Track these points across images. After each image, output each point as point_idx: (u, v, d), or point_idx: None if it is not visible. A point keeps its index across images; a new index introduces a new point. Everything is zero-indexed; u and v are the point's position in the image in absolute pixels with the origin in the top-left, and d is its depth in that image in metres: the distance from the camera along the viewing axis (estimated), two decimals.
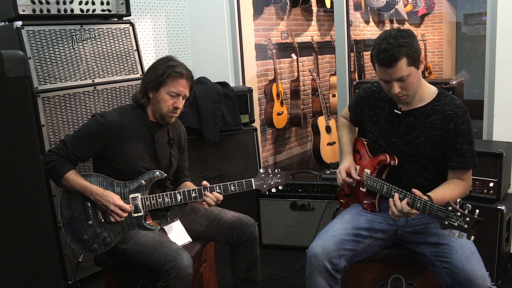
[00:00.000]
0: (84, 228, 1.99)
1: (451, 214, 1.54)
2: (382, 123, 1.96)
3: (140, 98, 2.05)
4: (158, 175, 2.04)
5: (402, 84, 1.76)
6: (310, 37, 5.62)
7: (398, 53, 1.69)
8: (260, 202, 3.06)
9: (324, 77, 5.81)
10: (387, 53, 1.70)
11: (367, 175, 1.97)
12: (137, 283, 2.07)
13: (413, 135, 1.87)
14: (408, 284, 1.98)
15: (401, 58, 1.70)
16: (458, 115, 1.80)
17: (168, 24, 3.71)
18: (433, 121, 1.84)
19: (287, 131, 5.59)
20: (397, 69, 1.72)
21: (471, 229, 1.49)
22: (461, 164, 1.82)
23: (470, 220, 1.49)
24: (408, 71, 1.73)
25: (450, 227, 1.54)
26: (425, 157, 1.87)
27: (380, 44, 1.72)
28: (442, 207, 1.58)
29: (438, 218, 1.59)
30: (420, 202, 1.67)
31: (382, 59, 1.71)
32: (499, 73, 2.54)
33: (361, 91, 2.07)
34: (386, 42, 1.71)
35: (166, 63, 2.02)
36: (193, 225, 2.18)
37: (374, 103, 2.00)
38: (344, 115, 2.27)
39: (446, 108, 1.82)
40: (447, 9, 7.12)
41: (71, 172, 1.97)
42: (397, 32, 1.74)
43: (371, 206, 1.98)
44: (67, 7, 2.58)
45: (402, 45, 1.70)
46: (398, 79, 1.74)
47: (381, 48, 1.71)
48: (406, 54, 1.71)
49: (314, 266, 1.80)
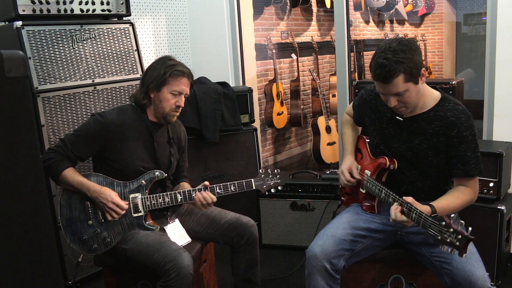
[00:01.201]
0: (84, 228, 1.99)
1: (444, 229, 1.52)
2: (384, 127, 1.94)
3: (141, 99, 2.05)
4: (158, 175, 2.04)
5: (400, 98, 1.73)
6: (310, 37, 5.62)
7: (395, 70, 1.65)
8: (260, 202, 3.06)
9: (324, 77, 5.81)
10: (383, 69, 1.66)
11: (367, 176, 1.97)
12: (137, 283, 2.07)
13: (416, 142, 1.85)
14: (408, 284, 1.98)
15: (398, 75, 1.66)
16: (461, 121, 1.77)
17: (168, 24, 3.71)
18: (436, 127, 1.81)
19: (287, 131, 5.59)
20: (393, 85, 1.69)
21: (462, 248, 1.47)
22: (466, 171, 1.79)
23: (462, 238, 1.47)
24: (405, 87, 1.70)
25: (443, 242, 1.52)
26: (427, 164, 1.85)
27: (379, 57, 1.68)
28: (436, 221, 1.55)
29: (431, 232, 1.57)
30: (416, 213, 1.64)
31: (378, 75, 1.68)
32: (499, 73, 2.54)
33: (364, 93, 2.04)
34: (384, 56, 1.66)
35: (165, 62, 2.03)
36: (193, 226, 2.18)
37: (376, 107, 1.97)
38: (348, 112, 2.24)
39: (448, 115, 1.79)
40: (447, 9, 7.12)
41: (69, 169, 1.97)
42: (398, 46, 1.67)
43: (370, 208, 1.98)
44: (67, 7, 2.58)
45: (400, 61, 1.65)
46: (395, 94, 1.72)
47: (379, 62, 1.67)
48: (404, 71, 1.66)
49: (313, 266, 1.79)
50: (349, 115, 2.24)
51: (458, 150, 1.78)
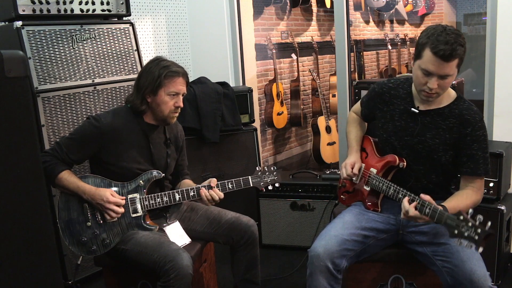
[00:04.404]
0: (83, 230, 1.99)
1: (462, 223, 1.51)
2: (396, 120, 1.94)
3: (139, 105, 2.03)
4: (156, 174, 2.04)
5: (441, 81, 1.72)
6: (310, 37, 5.62)
7: (458, 50, 1.65)
8: (260, 202, 3.06)
9: (324, 77, 5.80)
10: (449, 46, 1.64)
11: (373, 174, 1.97)
12: (137, 283, 2.07)
13: (428, 136, 1.86)
14: (408, 284, 1.98)
15: (456, 57, 1.67)
16: (476, 120, 1.79)
17: (168, 24, 3.71)
18: (450, 124, 1.82)
19: (287, 131, 5.59)
20: (450, 65, 1.67)
21: (481, 241, 1.46)
22: (474, 170, 1.80)
23: (482, 232, 1.46)
24: (454, 71, 1.71)
25: (460, 236, 1.50)
26: (436, 159, 1.85)
27: (440, 35, 1.66)
28: (453, 216, 1.55)
29: (447, 226, 1.56)
30: (429, 208, 1.64)
31: (442, 50, 1.64)
32: (499, 73, 2.54)
33: (376, 86, 2.05)
34: (446, 35, 1.65)
35: (158, 64, 2.01)
36: (193, 225, 2.18)
37: (389, 100, 1.98)
38: (355, 110, 2.24)
39: (464, 113, 1.81)
40: (447, 9, 7.12)
41: (65, 172, 1.96)
42: (455, 30, 1.68)
43: (374, 205, 1.98)
44: (67, 7, 2.58)
45: (461, 45, 1.66)
46: (441, 76, 1.70)
47: (442, 39, 1.64)
48: (460, 56, 1.67)
49: (316, 266, 1.79)
50: (356, 114, 2.24)
51: (470, 149, 1.79)
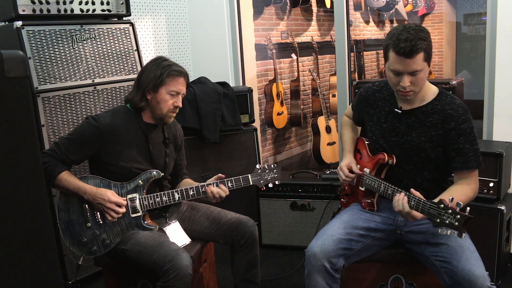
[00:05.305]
0: (83, 231, 1.99)
1: (442, 211, 1.54)
2: (382, 122, 1.96)
3: (138, 102, 2.04)
4: (155, 174, 2.04)
5: (413, 78, 1.75)
6: (310, 37, 5.62)
7: (419, 45, 1.68)
8: (260, 202, 3.06)
9: (324, 77, 5.81)
10: (408, 43, 1.68)
11: (366, 174, 1.98)
12: (137, 283, 2.07)
13: (413, 135, 1.87)
14: (408, 284, 1.98)
15: (420, 52, 1.69)
16: (459, 114, 1.79)
17: (168, 24, 3.71)
18: (434, 120, 1.83)
19: (287, 131, 5.59)
20: (415, 61, 1.70)
21: (462, 227, 1.49)
22: (465, 164, 1.80)
23: (461, 217, 1.48)
24: (422, 66, 1.73)
25: (442, 224, 1.54)
26: (425, 157, 1.87)
27: (400, 34, 1.70)
28: (434, 205, 1.57)
29: (430, 215, 1.59)
30: (414, 200, 1.67)
31: (402, 48, 1.69)
32: (499, 73, 2.54)
33: (362, 91, 2.08)
34: (406, 32, 1.70)
35: (161, 63, 2.03)
36: (193, 225, 2.18)
37: (374, 102, 2.00)
38: (348, 114, 2.27)
39: (446, 108, 1.82)
40: (447, 9, 7.12)
41: (64, 172, 1.97)
42: (416, 27, 1.73)
43: (369, 205, 1.98)
44: (67, 7, 2.58)
45: (422, 39, 1.69)
46: (411, 72, 1.73)
47: (402, 38, 1.69)
48: (425, 49, 1.70)
49: (313, 265, 1.80)
50: (348, 117, 2.27)
51: (456, 143, 1.80)
